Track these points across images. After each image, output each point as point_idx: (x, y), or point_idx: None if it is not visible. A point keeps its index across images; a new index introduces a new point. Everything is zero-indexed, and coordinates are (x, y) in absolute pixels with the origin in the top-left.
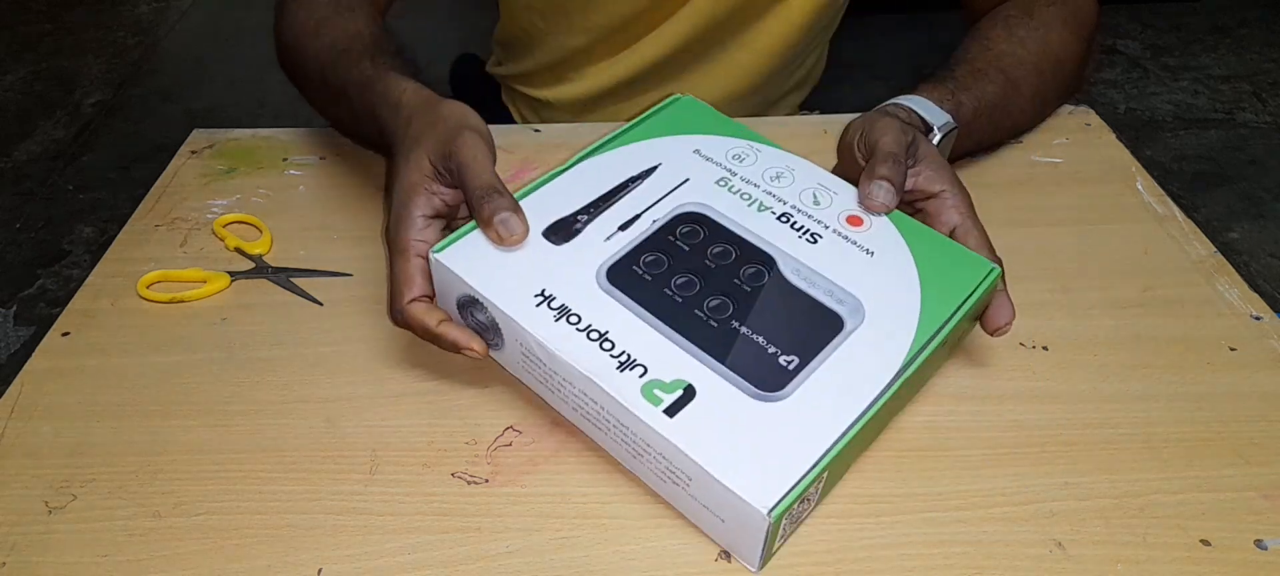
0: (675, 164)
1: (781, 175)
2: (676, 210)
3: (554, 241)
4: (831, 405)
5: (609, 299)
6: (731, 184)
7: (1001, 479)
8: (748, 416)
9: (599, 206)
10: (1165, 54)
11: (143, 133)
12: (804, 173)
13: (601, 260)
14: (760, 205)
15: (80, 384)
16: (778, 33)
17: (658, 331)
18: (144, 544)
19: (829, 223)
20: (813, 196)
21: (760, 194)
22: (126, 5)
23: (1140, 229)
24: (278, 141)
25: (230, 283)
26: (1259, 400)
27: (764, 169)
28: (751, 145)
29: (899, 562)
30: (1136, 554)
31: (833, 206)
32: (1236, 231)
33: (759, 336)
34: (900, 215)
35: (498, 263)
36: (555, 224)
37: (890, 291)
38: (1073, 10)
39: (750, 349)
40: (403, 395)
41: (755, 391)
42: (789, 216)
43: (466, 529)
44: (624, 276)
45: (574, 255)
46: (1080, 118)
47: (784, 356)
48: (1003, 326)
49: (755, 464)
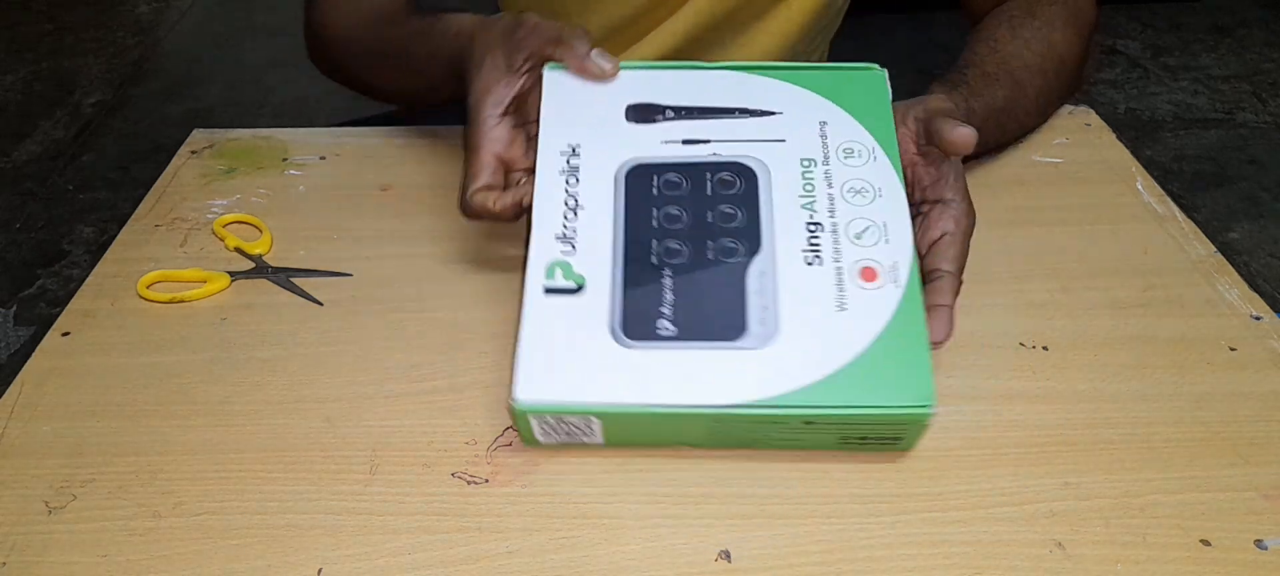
0: (795, 121)
1: (864, 191)
2: (738, 158)
3: (631, 118)
4: (656, 381)
5: (610, 187)
6: (812, 168)
7: (1001, 479)
8: (592, 337)
9: (694, 114)
10: (1165, 54)
11: (143, 133)
12: (886, 204)
13: (636, 156)
14: (811, 202)
15: (80, 384)
16: (778, 33)
17: (612, 231)
18: (144, 544)
19: (845, 259)
20: (866, 227)
21: (823, 194)
22: (126, 5)
23: (1140, 229)
24: (278, 141)
25: (230, 282)
26: (1259, 400)
27: (856, 176)
28: (875, 148)
29: (899, 562)
30: (1137, 554)
31: (868, 249)
32: (1236, 231)
33: (670, 294)
34: (910, 305)
35: (582, 100)
36: (642, 106)
37: (812, 346)
38: (1074, 9)
39: (653, 296)
40: (403, 395)
41: (618, 327)
42: (818, 228)
43: (466, 529)
44: (639, 179)
45: (627, 137)
46: (1080, 118)
47: (669, 323)
48: (938, 334)
49: (550, 365)
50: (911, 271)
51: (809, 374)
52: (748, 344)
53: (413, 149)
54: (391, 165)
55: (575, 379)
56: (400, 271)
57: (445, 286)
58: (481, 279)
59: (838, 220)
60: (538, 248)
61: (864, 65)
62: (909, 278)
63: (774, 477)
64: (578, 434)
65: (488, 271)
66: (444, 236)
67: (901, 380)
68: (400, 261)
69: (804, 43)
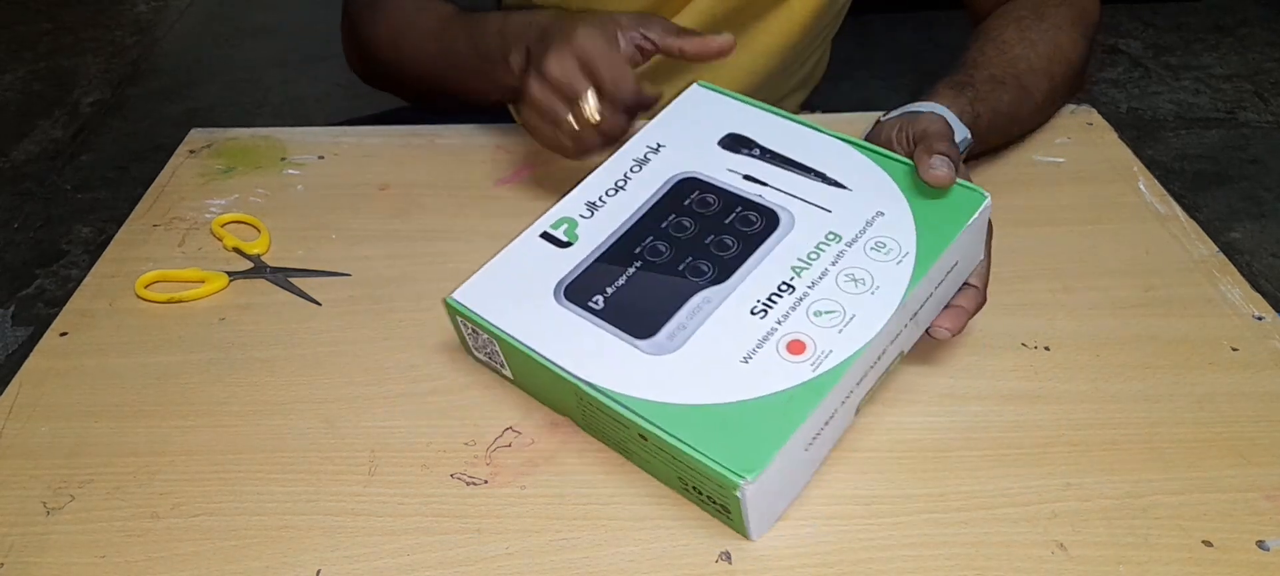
0: (855, 200)
1: (861, 281)
2: (774, 205)
3: (722, 144)
4: (555, 339)
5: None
6: (831, 243)
7: (1003, 479)
8: (541, 285)
9: (776, 160)
10: (1167, 53)
11: (141, 132)
12: (872, 301)
13: (694, 171)
14: (802, 269)
15: (78, 384)
16: (779, 32)
17: (627, 216)
18: (142, 544)
19: (786, 325)
20: (833, 311)
21: (821, 267)
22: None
23: (1142, 228)
24: (276, 141)
25: (228, 282)
26: (1261, 400)
27: (866, 268)
28: (910, 254)
29: (900, 563)
30: (1138, 554)
31: (816, 329)
32: (1238, 231)
33: (622, 281)
34: (809, 395)
35: (700, 117)
36: (738, 137)
37: (694, 377)
38: (1080, 10)
39: (607, 277)
40: (402, 395)
41: (562, 287)
42: (787, 291)
43: (466, 529)
44: (682, 188)
45: (707, 156)
46: (1082, 117)
47: (601, 300)
48: (944, 327)
49: (496, 287)
50: (840, 371)
51: (670, 395)
52: (647, 348)
53: (411, 149)
54: (390, 165)
55: (503, 306)
56: (399, 271)
57: (445, 286)
58: None
59: (812, 294)
60: (566, 201)
61: (974, 188)
62: (829, 374)
63: None
64: (495, 358)
65: None
66: (443, 236)
67: (741, 445)
68: (399, 261)
69: (805, 42)
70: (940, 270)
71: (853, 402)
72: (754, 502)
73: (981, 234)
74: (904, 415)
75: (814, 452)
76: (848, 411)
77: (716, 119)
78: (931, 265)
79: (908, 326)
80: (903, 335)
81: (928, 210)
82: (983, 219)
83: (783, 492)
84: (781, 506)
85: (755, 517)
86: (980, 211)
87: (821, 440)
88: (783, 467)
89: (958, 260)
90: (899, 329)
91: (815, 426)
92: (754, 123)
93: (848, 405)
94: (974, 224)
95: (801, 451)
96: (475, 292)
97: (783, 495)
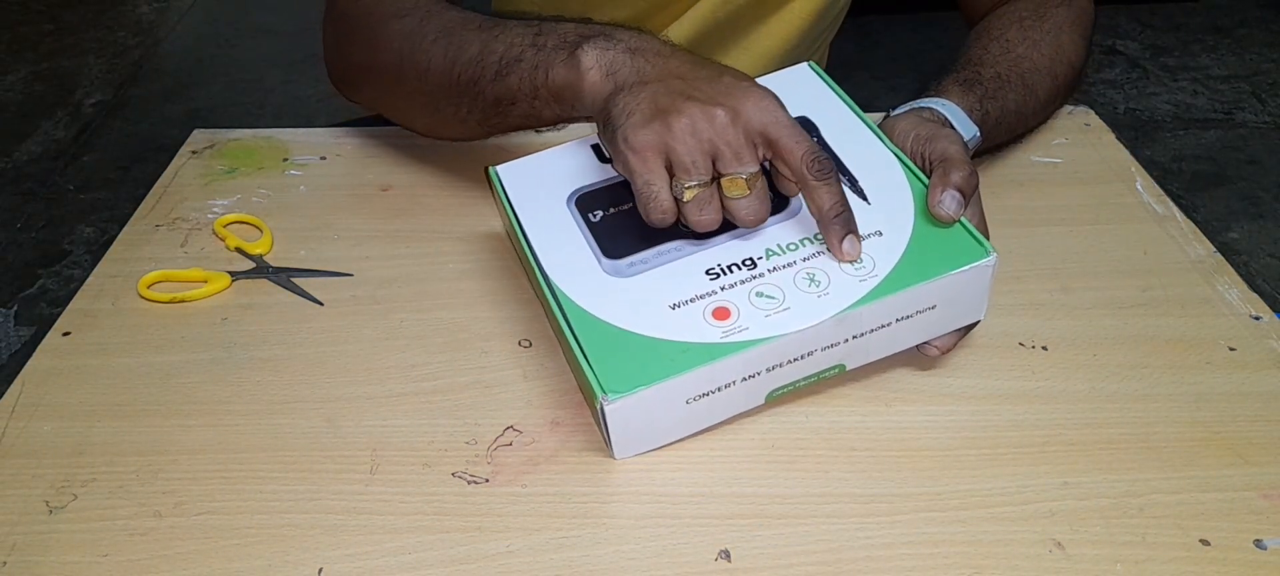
0: (870, 210)
1: (817, 281)
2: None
3: None
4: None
5: None
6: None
7: (1001, 478)
8: (572, 168)
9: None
10: (1165, 54)
11: (143, 133)
12: (816, 302)
13: None
14: (773, 253)
15: (81, 384)
16: (779, 35)
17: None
18: (144, 544)
19: (726, 294)
20: (775, 298)
21: (792, 258)
22: (127, 5)
23: (1140, 229)
24: (278, 141)
25: (231, 282)
26: (1258, 400)
27: (827, 273)
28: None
29: (898, 562)
30: (1136, 553)
31: (749, 306)
32: (1236, 231)
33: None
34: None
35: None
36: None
37: (618, 298)
38: (1078, 11)
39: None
40: (403, 395)
41: (575, 196)
42: (746, 267)
43: (467, 529)
44: None
45: None
46: (1080, 118)
47: (600, 213)
48: (933, 347)
49: (530, 168)
50: (742, 347)
51: (602, 312)
52: (608, 269)
53: (413, 149)
54: (392, 165)
55: (527, 191)
56: (401, 271)
57: (445, 286)
58: (482, 279)
59: (766, 278)
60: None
61: (983, 242)
62: (732, 346)
63: (774, 477)
64: (514, 237)
65: (488, 272)
66: (444, 236)
67: (624, 370)
68: (401, 261)
69: (805, 45)
70: (907, 303)
71: (760, 388)
72: (615, 422)
73: (981, 288)
74: (902, 414)
75: (698, 411)
76: (753, 394)
77: (800, 100)
78: (895, 293)
79: (849, 342)
80: (841, 348)
81: (926, 242)
82: (981, 273)
83: (653, 430)
84: (652, 443)
85: (617, 437)
86: (976, 265)
87: (711, 405)
88: (653, 406)
89: (937, 303)
90: (835, 339)
91: (698, 386)
92: (828, 113)
93: (753, 388)
94: (965, 275)
95: (681, 403)
96: (514, 172)
97: (653, 432)
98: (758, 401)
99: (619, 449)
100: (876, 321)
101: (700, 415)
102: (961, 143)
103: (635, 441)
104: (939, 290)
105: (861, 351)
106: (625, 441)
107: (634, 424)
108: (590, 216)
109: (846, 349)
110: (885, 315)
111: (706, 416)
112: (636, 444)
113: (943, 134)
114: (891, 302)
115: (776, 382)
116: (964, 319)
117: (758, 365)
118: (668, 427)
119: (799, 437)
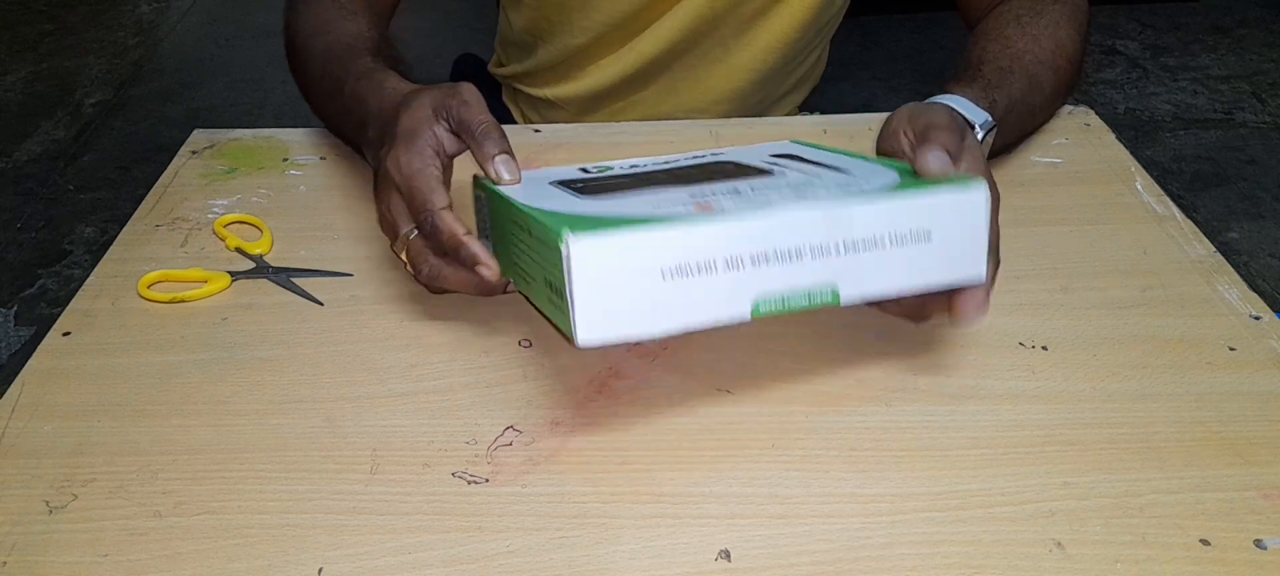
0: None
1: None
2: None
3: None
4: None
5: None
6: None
7: (1001, 479)
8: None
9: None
10: (1165, 54)
11: (143, 133)
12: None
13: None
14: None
15: (81, 384)
16: (778, 31)
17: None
18: (144, 544)
19: (706, 195)
20: (752, 198)
21: (756, 185)
22: (127, 5)
23: (1140, 229)
24: (278, 141)
25: (231, 283)
26: (1258, 400)
27: (781, 191)
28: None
29: (898, 562)
30: (1136, 553)
31: (726, 199)
32: (1236, 231)
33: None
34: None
35: None
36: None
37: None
38: (1073, 7)
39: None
40: (403, 395)
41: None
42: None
43: (467, 529)
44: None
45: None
46: (1080, 118)
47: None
48: (968, 312)
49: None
50: (721, 220)
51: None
52: (580, 200)
53: None
54: None
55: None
56: (401, 271)
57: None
58: None
59: (751, 194)
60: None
61: (974, 178)
62: (710, 217)
63: (774, 477)
64: (483, 221)
65: None
66: None
67: (589, 226)
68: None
69: (804, 41)
70: (899, 217)
71: (746, 287)
72: (581, 276)
73: (976, 232)
74: (902, 414)
75: (677, 298)
76: (738, 296)
77: (786, 148)
78: (881, 201)
79: (842, 256)
80: (833, 262)
81: (917, 182)
82: (974, 209)
83: (625, 306)
84: (623, 329)
85: (582, 300)
86: (969, 193)
87: (691, 293)
88: (623, 266)
89: (931, 230)
90: (825, 241)
91: (675, 252)
92: (816, 151)
93: (738, 285)
94: (958, 200)
95: (656, 274)
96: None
97: (625, 310)
98: (743, 312)
99: (584, 324)
100: (868, 230)
101: (679, 305)
102: (949, 113)
103: (603, 318)
104: (931, 212)
105: (855, 274)
106: (592, 314)
107: (602, 288)
108: (572, 184)
109: (839, 265)
110: (877, 224)
111: (686, 311)
112: (604, 323)
113: (930, 109)
114: (883, 210)
115: (764, 287)
116: (960, 270)
117: (741, 246)
118: (643, 311)
119: (799, 437)
